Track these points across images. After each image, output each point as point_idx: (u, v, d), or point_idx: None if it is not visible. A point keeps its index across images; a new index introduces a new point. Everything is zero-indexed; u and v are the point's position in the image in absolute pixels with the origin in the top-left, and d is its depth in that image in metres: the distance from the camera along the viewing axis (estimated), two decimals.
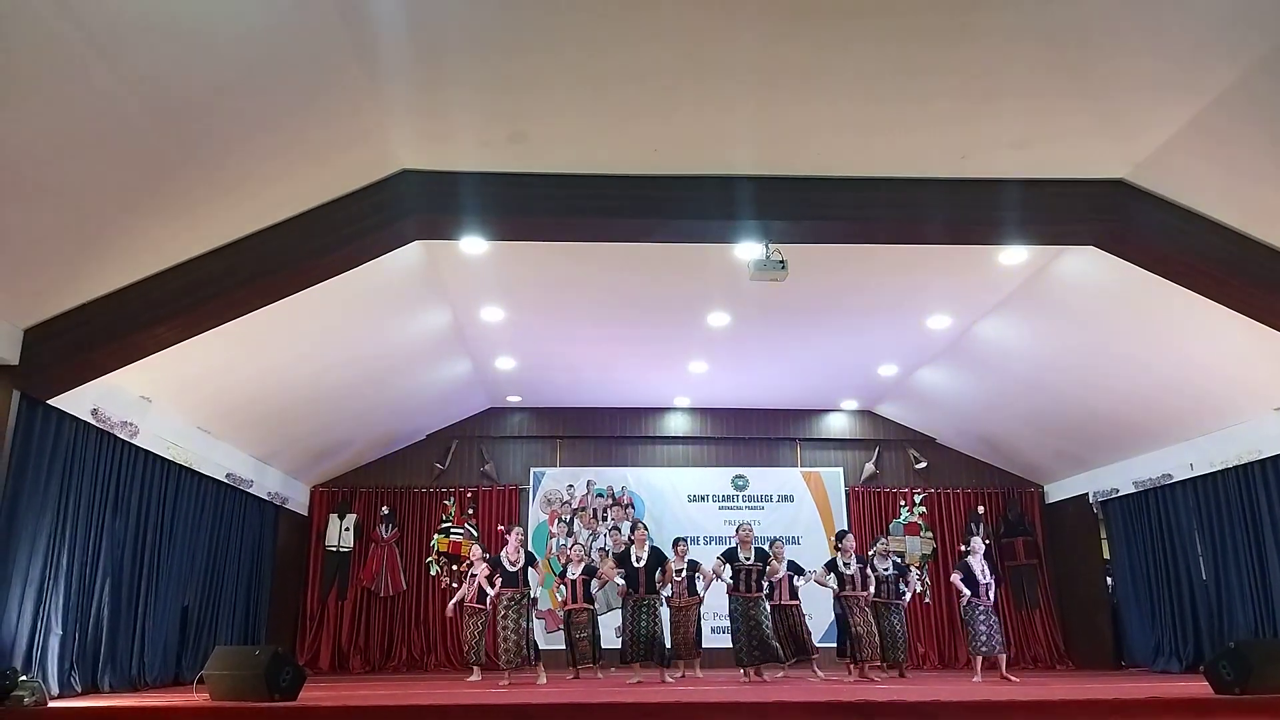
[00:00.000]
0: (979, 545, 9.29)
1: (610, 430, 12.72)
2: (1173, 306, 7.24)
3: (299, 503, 11.84)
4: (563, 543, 12.08)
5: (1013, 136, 5.77)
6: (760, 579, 8.69)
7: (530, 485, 12.58)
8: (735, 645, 8.53)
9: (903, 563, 10.18)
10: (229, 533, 9.74)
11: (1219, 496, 9.35)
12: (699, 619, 9.08)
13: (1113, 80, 5.17)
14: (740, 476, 12.71)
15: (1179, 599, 10.04)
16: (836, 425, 12.97)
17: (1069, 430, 10.72)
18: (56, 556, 6.68)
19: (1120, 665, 11.22)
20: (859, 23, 4.75)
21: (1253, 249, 6.14)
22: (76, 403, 6.75)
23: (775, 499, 12.64)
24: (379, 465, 12.48)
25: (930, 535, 12.56)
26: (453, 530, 12.26)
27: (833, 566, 9.03)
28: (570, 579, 9.37)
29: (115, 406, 7.28)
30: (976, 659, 8.90)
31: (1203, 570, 9.71)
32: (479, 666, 9.09)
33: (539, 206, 6.24)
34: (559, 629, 10.90)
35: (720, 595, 9.24)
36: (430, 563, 12.16)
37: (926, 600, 12.19)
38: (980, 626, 8.76)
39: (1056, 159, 6.03)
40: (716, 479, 12.71)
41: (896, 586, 9.33)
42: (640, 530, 8.90)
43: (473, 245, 7.37)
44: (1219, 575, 9.37)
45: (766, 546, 9.14)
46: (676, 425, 12.85)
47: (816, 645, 9.45)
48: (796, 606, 9.21)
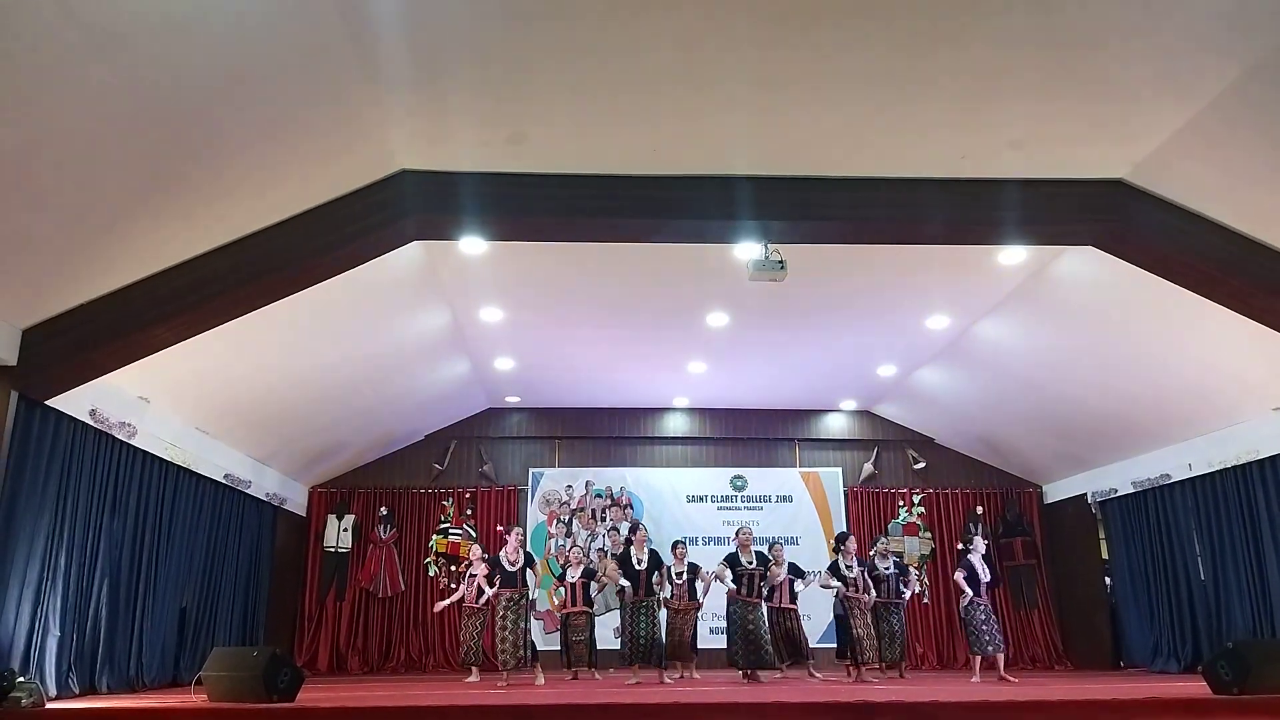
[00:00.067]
0: (980, 544, 9.28)
1: (609, 430, 12.72)
2: (1171, 307, 7.25)
3: (297, 503, 11.83)
4: (561, 543, 12.08)
5: (1012, 137, 5.77)
6: (761, 583, 8.68)
7: (529, 486, 12.57)
8: (730, 648, 8.56)
9: (902, 562, 10.18)
10: (227, 533, 9.73)
11: (1217, 497, 9.36)
12: (696, 623, 9.07)
13: (1112, 81, 5.17)
14: (739, 477, 12.71)
15: (1177, 599, 10.04)
16: (835, 425, 12.98)
17: (1068, 430, 10.73)
18: (54, 557, 6.67)
19: (1119, 665, 11.23)
20: (858, 25, 4.75)
21: (1251, 249, 6.15)
22: (75, 403, 6.74)
23: (774, 499, 12.64)
24: (377, 466, 12.48)
25: (929, 535, 12.57)
26: (451, 531, 12.25)
27: (835, 569, 9.00)
28: (569, 582, 9.35)
29: (113, 407, 7.27)
30: (976, 659, 8.89)
31: (1201, 570, 9.71)
32: (477, 667, 9.08)
33: (538, 207, 6.24)
34: (557, 630, 10.90)
35: (719, 597, 9.24)
36: (429, 563, 12.15)
37: (925, 600, 12.19)
38: (982, 626, 8.73)
39: (1055, 159, 6.03)
40: (715, 479, 12.71)
41: (897, 586, 9.32)
42: (641, 532, 8.88)
43: (472, 245, 7.37)
44: (1217, 575, 9.38)
45: (766, 549, 9.12)
46: (675, 425, 12.85)
47: (814, 649, 9.44)
48: (794, 611, 9.11)
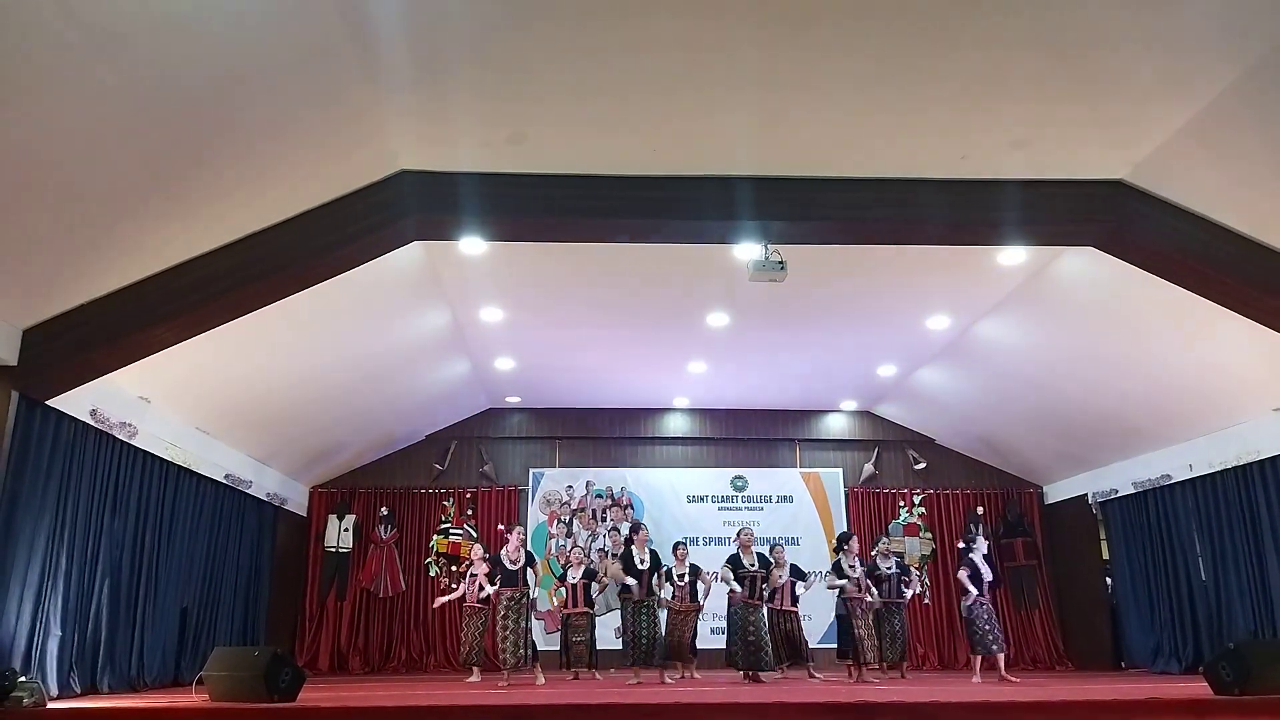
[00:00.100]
0: (982, 544, 9.27)
1: (609, 431, 12.73)
2: (1171, 307, 7.24)
3: (298, 503, 11.83)
4: (562, 544, 12.08)
5: (1012, 137, 5.77)
6: (763, 585, 8.68)
7: (529, 486, 12.57)
8: (730, 649, 8.58)
9: (903, 562, 10.18)
10: (228, 533, 9.74)
11: (1218, 497, 9.35)
12: (697, 624, 9.08)
13: (1112, 81, 5.17)
14: (739, 477, 12.71)
15: (1178, 600, 10.03)
16: (836, 426, 12.98)
17: (1068, 431, 10.72)
18: (55, 557, 6.68)
19: (1119, 666, 11.22)
20: (857, 25, 4.75)
21: (1252, 249, 6.15)
22: (75, 403, 6.74)
23: (774, 500, 12.63)
24: (378, 466, 12.48)
25: (929, 536, 12.56)
26: (452, 531, 12.25)
27: (839, 569, 8.94)
28: (570, 583, 9.35)
29: (114, 407, 7.28)
30: (977, 659, 8.87)
31: (1202, 571, 9.70)
32: (478, 667, 9.08)
33: (538, 207, 6.24)
34: (558, 630, 10.90)
35: (720, 598, 9.24)
36: (429, 563, 12.15)
37: (926, 601, 12.18)
38: (985, 625, 8.72)
39: (1055, 160, 6.03)
40: (716, 480, 12.71)
41: (898, 586, 9.30)
42: (642, 532, 8.89)
43: (472, 246, 7.37)
44: (1218, 576, 9.37)
45: (767, 551, 9.11)
46: (676, 426, 12.85)
47: (814, 649, 9.44)
48: (795, 613, 9.08)
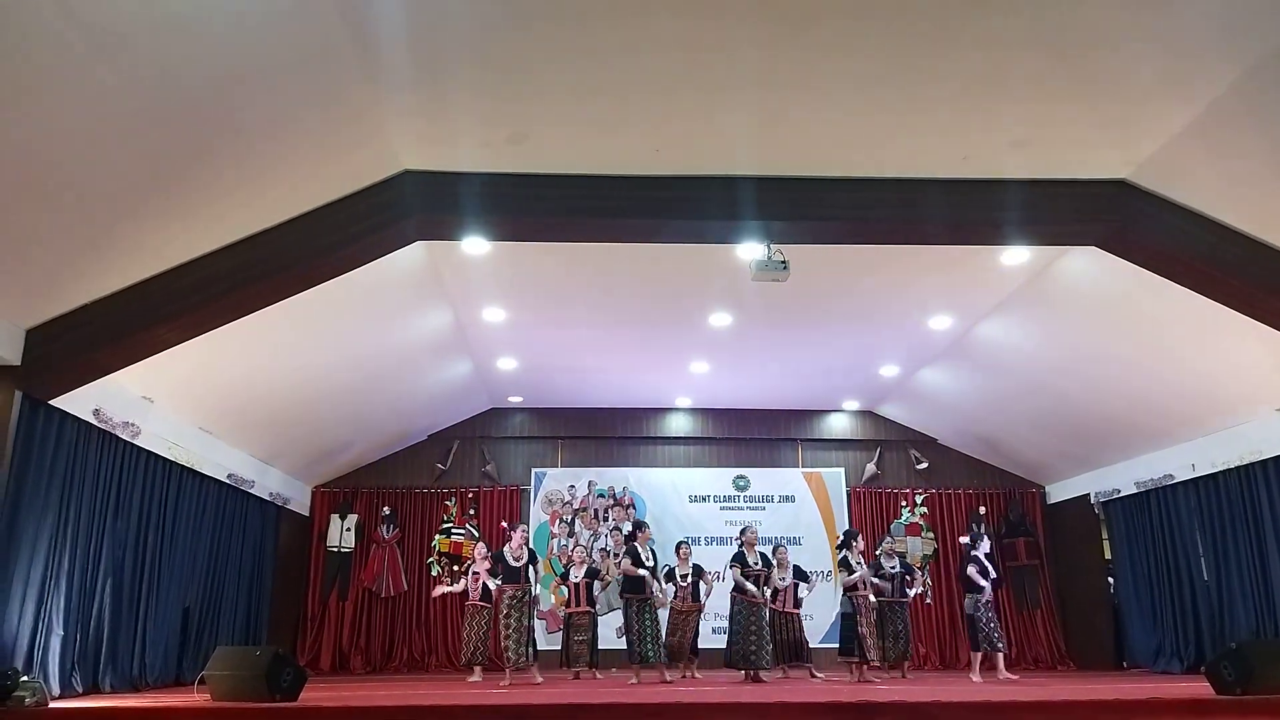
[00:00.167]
0: (985, 544, 9.27)
1: (612, 430, 12.72)
2: (1175, 307, 7.23)
3: (300, 503, 11.84)
4: (564, 543, 12.09)
5: (1013, 137, 5.77)
6: (764, 585, 8.68)
7: (531, 486, 12.57)
8: (730, 647, 8.55)
9: (907, 562, 10.17)
10: (230, 533, 9.75)
11: (1221, 497, 9.34)
12: (698, 624, 9.09)
13: (1114, 81, 5.17)
14: (741, 477, 12.70)
15: (1180, 599, 10.02)
16: (838, 425, 12.97)
17: (1070, 430, 10.71)
18: (58, 557, 6.68)
19: (1121, 666, 11.22)
20: (860, 25, 4.75)
21: (1254, 249, 6.14)
22: (78, 403, 6.75)
23: (776, 499, 12.63)
24: (380, 466, 12.49)
25: (931, 536, 12.55)
26: (454, 531, 12.25)
27: (847, 565, 8.81)
28: (573, 581, 9.36)
29: (117, 407, 7.28)
30: (977, 656, 8.84)
31: (1204, 571, 9.69)
32: (480, 667, 9.08)
33: (540, 207, 6.24)
34: (559, 630, 10.91)
35: (720, 597, 9.24)
36: (431, 563, 12.15)
37: (928, 600, 12.17)
38: (988, 624, 8.71)
39: (1058, 159, 6.03)
40: (718, 479, 12.70)
41: (901, 586, 9.31)
42: (645, 531, 8.93)
43: (474, 246, 7.37)
44: (1220, 576, 9.36)
45: (770, 551, 9.09)
46: (678, 425, 12.85)
47: (814, 649, 9.43)
48: (797, 615, 9.03)
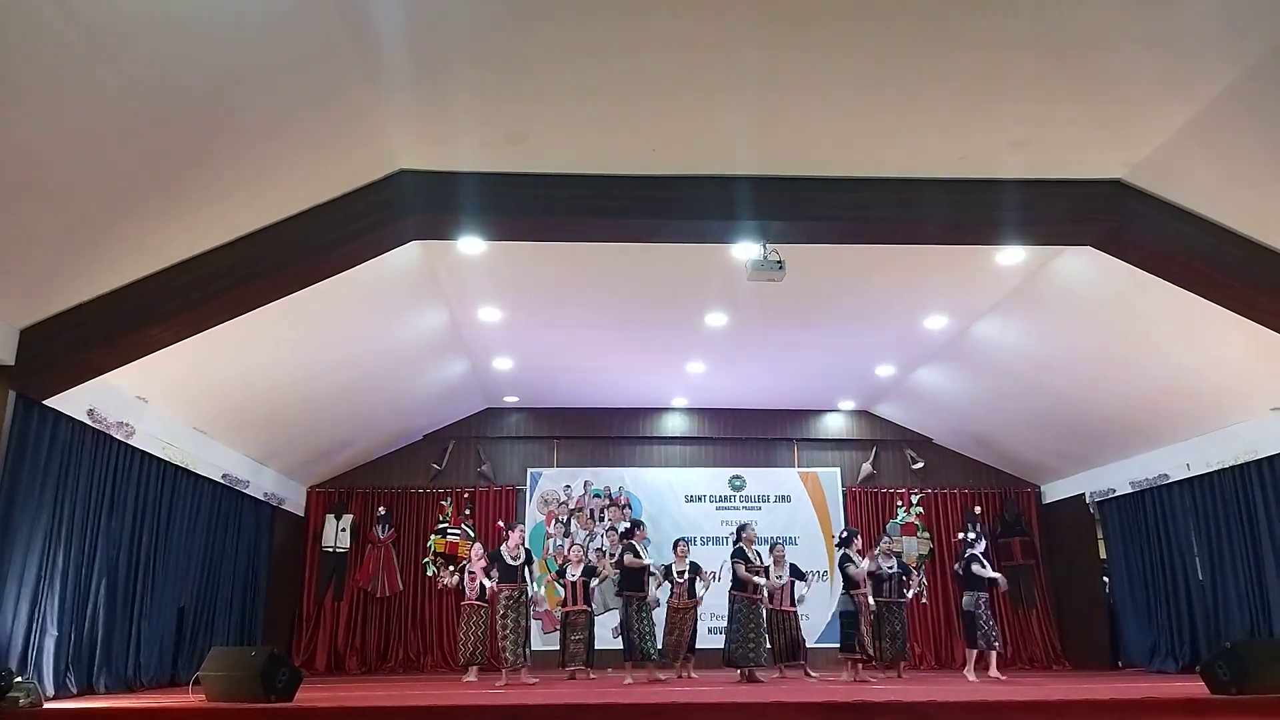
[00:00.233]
0: (981, 544, 9.30)
1: (608, 430, 12.71)
2: (1170, 307, 7.24)
3: (295, 503, 11.81)
4: (560, 543, 12.08)
5: (1012, 137, 5.77)
6: (764, 576, 8.75)
7: (527, 486, 12.56)
8: (728, 646, 8.54)
9: (904, 562, 10.20)
10: (225, 533, 9.72)
11: (1216, 497, 9.36)
12: (695, 621, 9.11)
13: (1110, 81, 5.18)
14: (737, 477, 12.70)
15: (1175, 599, 10.04)
16: (834, 425, 12.98)
17: (1066, 430, 10.73)
18: (52, 557, 6.66)
19: (1117, 665, 11.24)
20: (857, 25, 4.75)
21: (1250, 249, 6.15)
22: (72, 403, 6.72)
23: (772, 499, 12.63)
24: (376, 466, 12.46)
25: (927, 535, 12.57)
26: (449, 531, 12.23)
27: (848, 560, 8.82)
28: (570, 580, 9.37)
29: (111, 407, 7.26)
30: (973, 654, 8.82)
31: (1199, 570, 9.71)
32: (476, 667, 9.07)
33: (537, 207, 6.24)
34: (554, 630, 10.91)
35: (719, 597, 9.25)
36: (427, 563, 12.14)
37: (924, 600, 12.18)
38: (987, 622, 8.72)
39: (1054, 159, 6.03)
40: (714, 479, 12.70)
41: (899, 585, 9.32)
42: (643, 529, 8.99)
43: (470, 245, 7.36)
44: (1215, 575, 9.38)
45: (766, 549, 9.16)
46: (674, 425, 12.85)
47: (811, 648, 9.46)
48: (794, 613, 9.11)
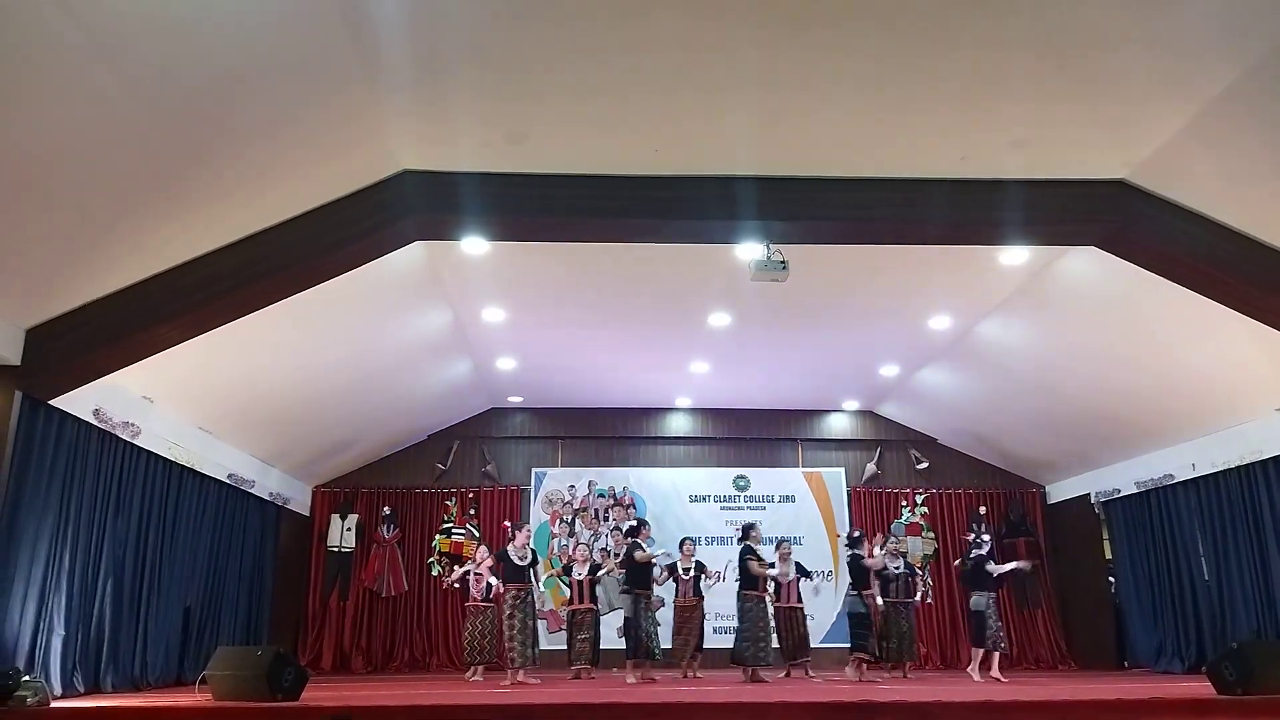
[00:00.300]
0: (988, 544, 9.31)
1: (612, 430, 12.72)
2: (1174, 307, 7.23)
3: (301, 503, 11.84)
4: (564, 543, 12.10)
5: (1013, 137, 5.77)
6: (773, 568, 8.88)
7: (532, 486, 12.58)
8: (741, 643, 8.48)
9: (911, 563, 10.19)
10: (231, 533, 9.75)
11: (1221, 497, 9.34)
12: (702, 620, 9.18)
13: (1113, 82, 5.17)
14: (742, 477, 12.70)
15: (1181, 599, 10.02)
16: (838, 425, 12.97)
17: (1071, 430, 10.71)
18: (59, 557, 6.69)
19: (1123, 666, 11.21)
20: (859, 25, 4.75)
21: (1254, 249, 6.14)
22: (78, 403, 6.75)
23: (777, 499, 12.63)
24: (380, 466, 12.49)
25: (932, 535, 12.54)
26: (454, 531, 12.25)
27: (859, 559, 8.88)
28: (576, 579, 9.39)
29: (117, 407, 7.29)
30: (979, 654, 8.79)
31: (1205, 571, 9.69)
32: (481, 666, 9.08)
33: (540, 207, 6.25)
34: (560, 629, 10.92)
35: (724, 596, 9.27)
36: (432, 563, 12.15)
37: (928, 600, 12.16)
38: (996, 622, 8.70)
39: (1057, 160, 6.03)
40: (718, 479, 12.70)
41: (906, 586, 9.33)
42: (647, 529, 9.04)
43: (474, 246, 7.37)
44: (1221, 576, 9.36)
45: (772, 548, 9.26)
46: (678, 425, 12.85)
47: (815, 648, 9.50)
48: (802, 609, 9.24)
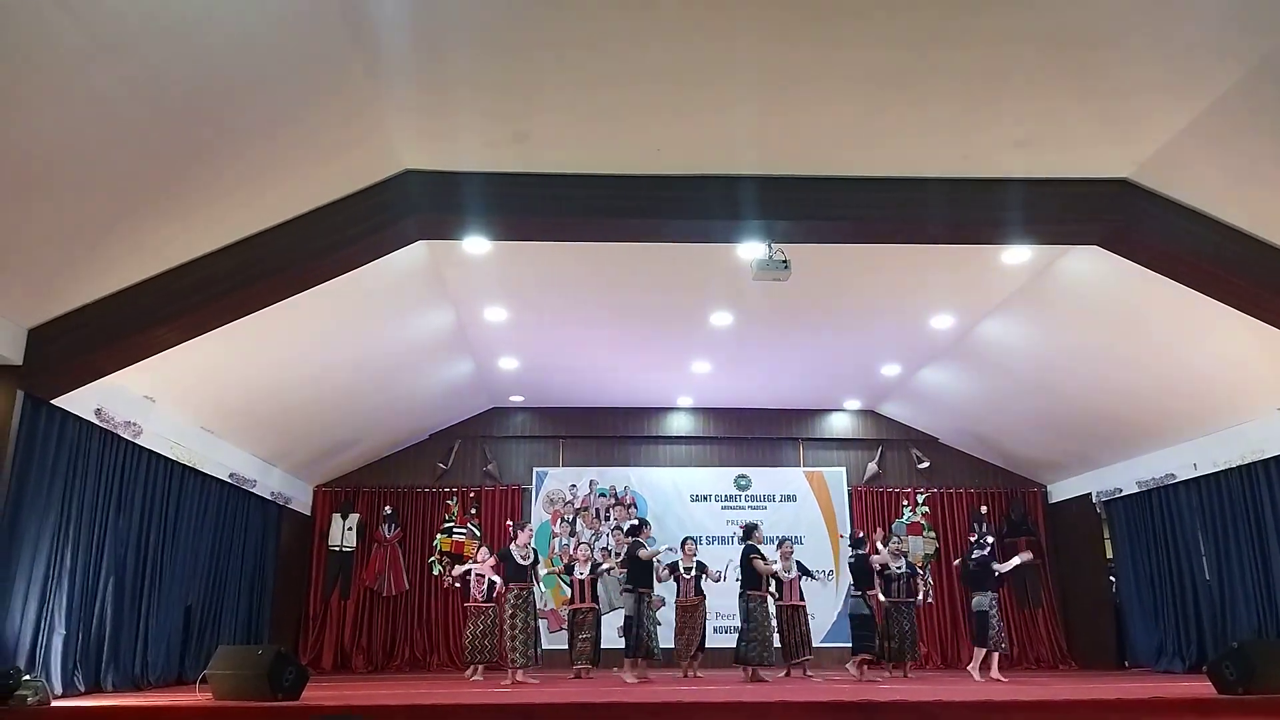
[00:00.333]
0: (988, 544, 9.31)
1: (613, 430, 12.72)
2: (1176, 306, 7.23)
3: (302, 502, 11.85)
4: (565, 542, 12.10)
5: (1016, 136, 5.76)
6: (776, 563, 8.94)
7: (533, 485, 12.58)
8: (745, 644, 8.45)
9: (910, 562, 10.20)
10: (232, 532, 9.75)
11: (1222, 496, 9.33)
12: (705, 619, 9.21)
13: (1116, 80, 5.16)
14: (743, 476, 12.70)
15: (1182, 599, 10.02)
16: (839, 425, 12.96)
17: (1072, 430, 10.71)
18: (60, 556, 6.69)
19: (1123, 665, 11.21)
20: (862, 24, 4.75)
21: (1256, 248, 6.13)
22: (80, 403, 6.75)
23: (778, 499, 12.63)
24: (382, 465, 12.49)
25: (933, 535, 12.54)
26: (455, 530, 12.26)
27: (862, 559, 9.10)
28: (578, 579, 9.39)
29: (118, 406, 7.29)
30: (981, 653, 8.78)
31: (1206, 570, 9.69)
32: (481, 665, 9.08)
33: (542, 206, 6.24)
34: (560, 629, 10.93)
35: (726, 596, 9.28)
36: (433, 562, 12.16)
37: (929, 600, 12.15)
38: (999, 622, 8.70)
39: (1060, 159, 6.02)
40: (719, 479, 12.70)
41: (909, 586, 9.34)
42: (648, 529, 9.06)
43: (476, 245, 7.36)
44: (1222, 575, 9.36)
45: (774, 547, 9.29)
46: (679, 425, 12.84)
47: (815, 648, 9.52)
48: (805, 607, 9.25)
